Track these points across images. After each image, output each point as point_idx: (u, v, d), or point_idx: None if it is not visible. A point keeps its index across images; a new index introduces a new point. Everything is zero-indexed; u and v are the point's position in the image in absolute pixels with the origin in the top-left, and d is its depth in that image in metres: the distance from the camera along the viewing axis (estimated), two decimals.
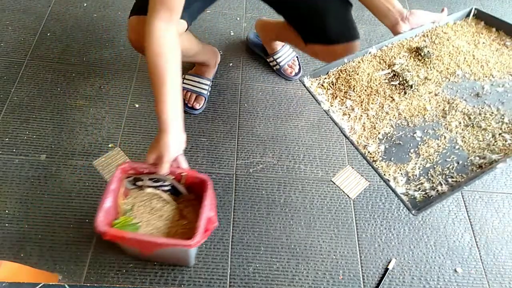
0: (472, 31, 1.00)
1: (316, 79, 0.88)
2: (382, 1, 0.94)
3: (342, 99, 0.85)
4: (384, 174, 0.75)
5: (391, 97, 0.85)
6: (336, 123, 0.80)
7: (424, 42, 0.96)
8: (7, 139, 1.21)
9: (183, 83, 1.35)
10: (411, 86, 0.85)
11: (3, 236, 1.05)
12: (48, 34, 1.49)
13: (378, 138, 0.80)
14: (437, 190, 0.72)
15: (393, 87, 0.86)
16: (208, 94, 1.37)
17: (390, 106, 0.84)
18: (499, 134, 0.79)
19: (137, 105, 1.34)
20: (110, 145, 1.24)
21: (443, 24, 1.01)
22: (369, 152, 0.78)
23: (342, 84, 0.87)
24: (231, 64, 1.50)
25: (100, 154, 1.22)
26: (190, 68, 1.40)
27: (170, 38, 0.84)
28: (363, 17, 1.75)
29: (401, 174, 0.75)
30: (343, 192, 1.23)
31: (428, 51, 0.92)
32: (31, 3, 1.58)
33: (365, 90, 0.86)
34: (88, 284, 1.00)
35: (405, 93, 0.86)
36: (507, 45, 0.95)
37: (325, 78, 0.88)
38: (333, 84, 0.87)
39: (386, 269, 1.10)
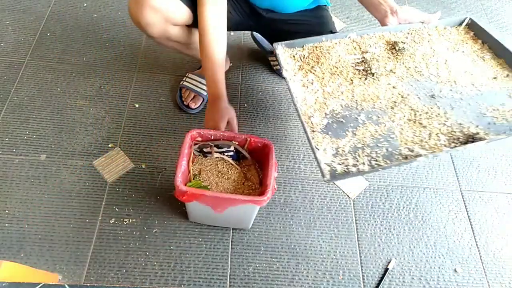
0: (458, 39, 1.00)
1: (290, 49, 0.93)
2: None
3: (307, 73, 0.90)
4: (317, 145, 0.79)
5: (351, 80, 0.90)
6: (290, 90, 0.85)
7: (406, 38, 0.97)
8: (7, 139, 1.21)
9: (185, 81, 1.35)
10: (373, 74, 0.89)
11: (3, 236, 1.05)
12: (48, 34, 1.49)
13: (325, 112, 0.85)
14: (358, 168, 0.76)
15: (356, 72, 0.91)
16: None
17: (347, 87, 0.88)
18: (436, 134, 0.82)
19: (137, 105, 1.34)
20: (110, 145, 1.24)
21: (432, 26, 1.01)
22: (311, 122, 0.83)
23: (312, 59, 0.92)
24: (231, 64, 1.50)
25: (100, 154, 1.22)
26: (197, 67, 1.40)
27: (218, 20, 0.97)
28: (363, 17, 1.75)
29: (332, 147, 0.79)
30: (343, 192, 1.23)
31: (403, 47, 0.94)
32: (31, 3, 1.58)
33: (331, 69, 0.90)
34: (88, 284, 1.00)
35: (365, 79, 0.90)
36: (485, 59, 0.96)
37: (299, 51, 0.93)
38: (303, 57, 0.92)
39: (386, 269, 1.10)
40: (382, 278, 1.09)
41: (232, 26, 1.20)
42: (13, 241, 1.04)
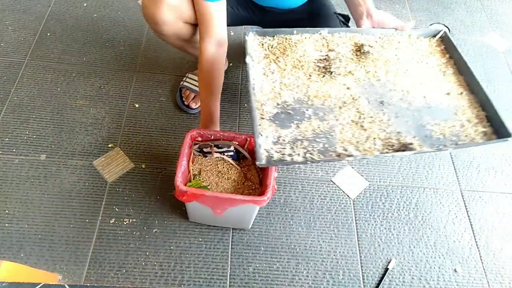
0: (428, 50, 1.00)
1: (261, 37, 0.95)
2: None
3: (270, 62, 0.92)
4: (262, 131, 0.82)
5: (310, 75, 0.91)
6: (249, 75, 0.87)
7: (375, 42, 0.97)
8: (7, 139, 1.21)
9: (185, 81, 1.35)
10: (331, 73, 0.91)
11: (2, 236, 1.05)
12: (48, 34, 1.49)
13: (277, 102, 0.87)
14: (292, 158, 0.80)
15: (317, 68, 0.92)
16: None
17: (304, 82, 0.90)
18: (374, 138, 0.83)
19: (137, 105, 1.34)
20: (110, 145, 1.24)
21: (405, 35, 1.00)
22: (263, 109, 0.85)
23: (279, 50, 0.93)
24: (231, 64, 1.50)
25: (100, 154, 1.22)
26: (197, 67, 1.39)
27: (218, 58, 1.03)
28: None
29: (274, 135, 0.82)
30: (343, 192, 1.23)
31: (368, 51, 0.94)
32: (31, 3, 1.57)
33: (294, 62, 0.92)
34: (88, 284, 1.00)
35: (323, 76, 0.91)
36: (446, 73, 0.96)
37: (269, 40, 0.95)
38: (271, 47, 0.94)
39: (386, 269, 1.10)
40: (382, 278, 1.09)
41: (238, 21, 1.21)
42: (13, 241, 1.04)
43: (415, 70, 0.95)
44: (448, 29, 1.77)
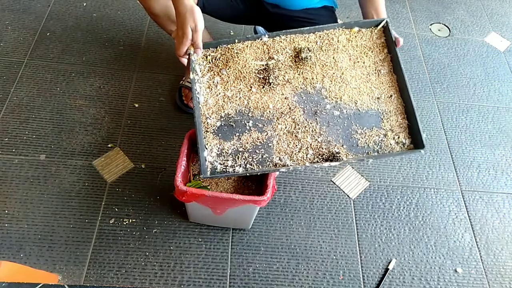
0: (367, 45, 0.98)
1: (204, 50, 0.94)
2: (370, 9, 1.00)
3: (214, 74, 0.93)
4: (206, 144, 0.86)
5: (251, 87, 0.92)
6: (193, 92, 0.89)
7: (315, 44, 0.96)
8: (6, 139, 1.21)
9: (185, 81, 1.35)
10: (270, 84, 0.92)
11: (2, 236, 1.04)
12: (48, 34, 1.49)
13: (220, 115, 0.90)
14: (234, 169, 0.85)
15: (257, 79, 0.93)
16: None
17: (245, 94, 0.92)
18: (306, 148, 0.88)
19: (136, 105, 1.34)
20: (109, 145, 1.24)
21: (348, 28, 0.98)
22: (207, 123, 0.89)
23: (222, 62, 0.94)
24: None
25: (100, 154, 1.22)
26: None
27: None
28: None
29: (218, 148, 0.87)
30: (343, 192, 1.23)
31: (306, 56, 0.93)
32: (30, 3, 1.57)
33: (236, 73, 0.93)
34: (88, 285, 1.00)
35: (263, 87, 0.92)
36: (380, 73, 0.96)
37: (212, 52, 0.94)
38: (215, 59, 0.94)
39: (386, 269, 1.10)
40: (382, 278, 1.08)
41: (240, 19, 1.21)
42: (13, 241, 1.04)
43: (349, 73, 0.95)
44: (449, 29, 1.77)
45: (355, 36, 0.98)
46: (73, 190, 1.14)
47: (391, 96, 0.93)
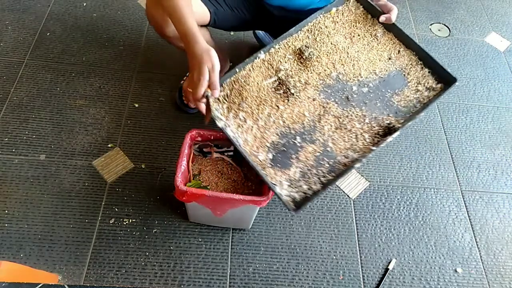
0: (351, 19, 1.00)
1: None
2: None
3: (236, 112, 0.87)
4: (272, 180, 0.81)
5: (277, 106, 0.89)
6: (231, 140, 0.83)
7: (308, 39, 0.96)
8: (6, 139, 1.21)
9: (186, 81, 1.35)
10: (293, 94, 0.89)
11: (2, 236, 1.04)
12: (48, 34, 1.49)
13: (267, 146, 0.85)
14: (312, 189, 0.81)
15: (278, 96, 0.90)
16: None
17: (276, 114, 0.88)
18: (361, 134, 0.86)
19: (136, 105, 1.34)
20: (109, 145, 1.24)
21: (326, 13, 1.00)
22: (259, 160, 0.83)
23: (236, 96, 0.89)
24: (231, 64, 1.49)
25: (100, 154, 1.22)
26: None
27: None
28: None
29: (285, 179, 0.82)
30: (343, 192, 1.23)
31: (310, 52, 0.93)
32: (30, 3, 1.57)
33: (255, 100, 0.89)
34: (88, 285, 1.00)
35: (288, 100, 0.89)
36: (378, 37, 0.98)
37: (221, 92, 0.89)
38: (227, 97, 0.89)
39: (386, 269, 1.10)
40: (382, 278, 1.08)
41: (247, 26, 1.21)
42: (13, 241, 1.04)
43: (353, 48, 0.96)
44: (449, 29, 1.77)
45: (337, 16, 1.00)
46: (73, 190, 1.14)
47: (399, 51, 0.95)
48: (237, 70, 0.91)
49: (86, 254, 1.04)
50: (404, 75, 0.93)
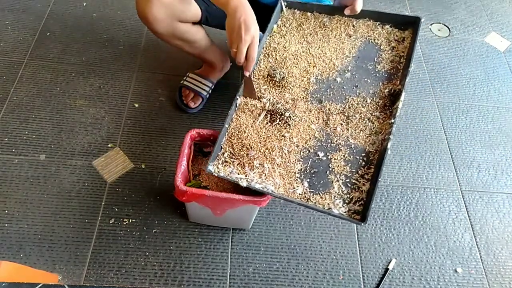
0: (294, 25, 1.01)
1: (218, 161, 0.86)
2: None
3: (250, 163, 0.84)
4: (324, 206, 0.79)
5: (283, 136, 0.87)
6: (262, 192, 0.81)
7: (269, 62, 0.96)
8: (6, 139, 1.21)
9: (186, 81, 1.35)
10: (290, 117, 0.88)
11: (2, 236, 1.04)
12: (48, 34, 1.49)
13: (297, 177, 0.83)
14: (366, 192, 0.79)
15: (277, 126, 0.88)
16: (208, 96, 1.36)
17: (287, 144, 0.86)
18: (371, 115, 0.86)
19: (136, 105, 1.34)
20: (109, 145, 1.24)
21: (270, 33, 1.01)
22: (299, 194, 0.80)
23: (240, 150, 0.86)
24: (231, 64, 1.49)
25: (100, 154, 1.22)
26: (197, 67, 1.39)
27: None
28: None
29: (335, 197, 0.80)
30: None
31: (279, 73, 0.93)
32: (30, 3, 1.57)
33: (260, 143, 0.86)
34: (88, 285, 1.00)
35: (289, 125, 0.88)
36: (327, 25, 0.99)
37: (223, 154, 0.87)
38: (233, 155, 0.86)
39: (386, 269, 1.10)
40: (382, 278, 1.08)
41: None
42: (13, 241, 1.04)
43: (313, 47, 0.97)
44: (449, 29, 1.77)
45: (281, 30, 1.01)
46: (73, 190, 1.14)
47: (353, 26, 0.98)
48: (226, 125, 0.88)
49: (86, 254, 1.04)
50: (372, 42, 0.94)
